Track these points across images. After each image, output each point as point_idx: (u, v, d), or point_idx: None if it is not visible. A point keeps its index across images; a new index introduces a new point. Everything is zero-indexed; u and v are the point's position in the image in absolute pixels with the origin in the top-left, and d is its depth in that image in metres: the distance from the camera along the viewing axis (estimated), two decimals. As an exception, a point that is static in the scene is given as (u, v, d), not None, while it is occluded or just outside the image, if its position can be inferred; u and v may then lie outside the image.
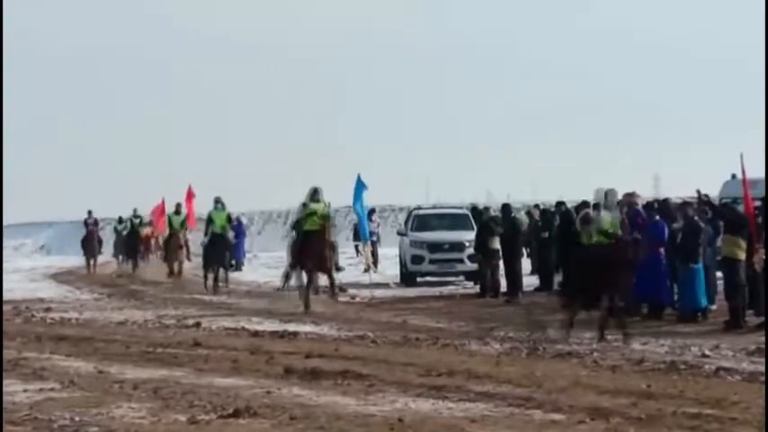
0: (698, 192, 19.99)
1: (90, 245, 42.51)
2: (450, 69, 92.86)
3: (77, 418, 10.97)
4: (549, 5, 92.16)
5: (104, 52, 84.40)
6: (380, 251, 37.20)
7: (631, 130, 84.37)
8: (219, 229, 29.19)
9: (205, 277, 29.34)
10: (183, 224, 34.34)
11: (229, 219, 30.09)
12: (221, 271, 29.37)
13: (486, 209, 28.61)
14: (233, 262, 33.79)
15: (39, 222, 69.57)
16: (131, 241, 41.03)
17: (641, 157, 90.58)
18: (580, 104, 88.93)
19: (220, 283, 29.04)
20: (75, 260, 45.76)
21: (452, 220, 31.08)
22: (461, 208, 33.78)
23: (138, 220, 41.53)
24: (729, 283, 18.40)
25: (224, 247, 29.43)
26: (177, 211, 34.33)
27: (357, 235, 38.74)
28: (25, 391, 12.71)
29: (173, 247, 34.10)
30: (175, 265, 33.92)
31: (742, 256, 18.22)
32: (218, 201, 29.60)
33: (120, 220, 43.85)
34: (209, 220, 29.54)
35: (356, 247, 39.26)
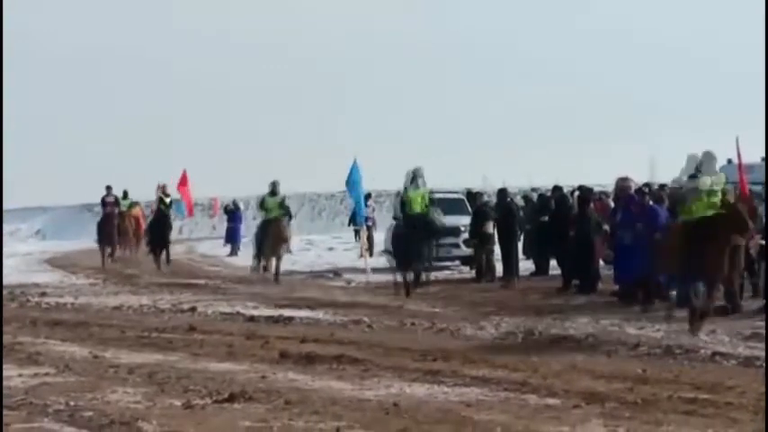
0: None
1: (108, 229, 35.18)
2: (450, 69, 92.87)
3: (72, 403, 10.97)
4: (548, 5, 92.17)
5: (104, 45, 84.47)
6: (376, 236, 37.17)
7: (631, 129, 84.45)
8: (418, 210, 23.02)
9: (404, 278, 22.92)
10: (282, 206, 27.49)
11: (432, 199, 23.49)
12: (416, 266, 22.99)
13: (481, 194, 28.58)
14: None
15: (34, 207, 69.47)
16: (159, 227, 32.59)
17: (638, 146, 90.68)
18: (580, 104, 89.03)
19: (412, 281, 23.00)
20: (71, 245, 45.64)
21: (448, 205, 30.97)
22: (457, 192, 33.71)
23: (168, 200, 33.57)
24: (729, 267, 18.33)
25: (425, 234, 22.96)
26: (273, 192, 27.36)
27: (353, 220, 38.69)
28: (20, 375, 12.71)
29: (274, 237, 26.79)
30: (272, 261, 27.05)
31: (742, 241, 18.19)
32: (416, 175, 23.13)
33: (126, 195, 37.24)
34: (404, 200, 23.36)
35: (355, 231, 39.22)
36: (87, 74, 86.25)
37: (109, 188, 35.71)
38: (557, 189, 25.96)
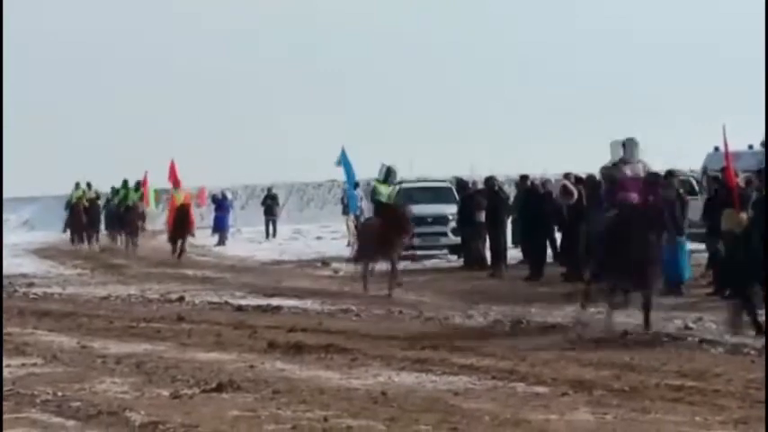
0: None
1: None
2: (450, 69, 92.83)
3: (60, 394, 10.94)
4: (548, 5, 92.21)
5: (97, 38, 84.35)
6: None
7: (629, 128, 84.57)
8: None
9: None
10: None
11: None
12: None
13: (475, 182, 28.62)
14: None
15: (22, 197, 69.32)
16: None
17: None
18: (580, 104, 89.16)
19: None
20: (60, 235, 45.38)
21: (436, 194, 31.02)
22: (444, 181, 33.74)
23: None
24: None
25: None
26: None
27: (346, 209, 38.63)
28: (8, 366, 12.67)
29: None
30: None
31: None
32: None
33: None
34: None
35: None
36: (79, 65, 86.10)
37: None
38: (524, 178, 26.11)
